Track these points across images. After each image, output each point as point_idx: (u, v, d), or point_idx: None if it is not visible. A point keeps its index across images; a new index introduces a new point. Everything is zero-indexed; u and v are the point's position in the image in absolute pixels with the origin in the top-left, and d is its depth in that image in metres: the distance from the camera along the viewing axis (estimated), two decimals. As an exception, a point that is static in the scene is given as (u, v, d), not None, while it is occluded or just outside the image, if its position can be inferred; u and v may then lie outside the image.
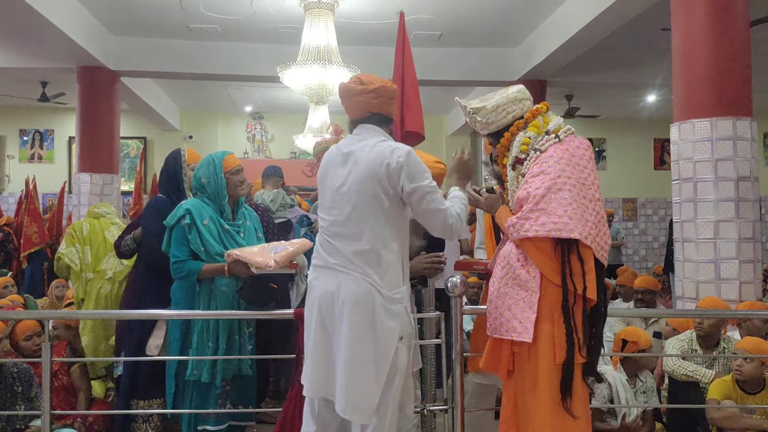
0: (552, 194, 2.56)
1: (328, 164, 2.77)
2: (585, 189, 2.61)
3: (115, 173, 8.60)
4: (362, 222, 2.60)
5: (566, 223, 2.53)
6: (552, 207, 2.55)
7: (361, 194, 2.61)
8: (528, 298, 2.58)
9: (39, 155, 12.64)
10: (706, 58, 4.80)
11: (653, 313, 5.40)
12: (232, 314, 3.50)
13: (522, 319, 2.56)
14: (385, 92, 2.74)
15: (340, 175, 2.68)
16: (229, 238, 3.55)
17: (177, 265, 3.45)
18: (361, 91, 2.74)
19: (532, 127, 2.74)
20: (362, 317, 2.55)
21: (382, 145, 2.65)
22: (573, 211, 2.54)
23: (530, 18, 7.89)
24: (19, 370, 3.86)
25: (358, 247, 2.59)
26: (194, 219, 3.46)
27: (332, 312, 2.61)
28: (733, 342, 4.31)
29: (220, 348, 3.44)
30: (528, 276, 2.59)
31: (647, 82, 9.75)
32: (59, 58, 8.18)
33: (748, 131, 4.79)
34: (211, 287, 3.49)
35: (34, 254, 9.83)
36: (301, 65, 6.44)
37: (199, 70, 8.85)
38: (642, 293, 5.67)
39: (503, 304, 2.63)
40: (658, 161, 13.69)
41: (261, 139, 13.16)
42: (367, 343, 2.54)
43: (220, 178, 3.55)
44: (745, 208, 4.75)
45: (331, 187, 2.71)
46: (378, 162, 2.60)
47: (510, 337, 2.58)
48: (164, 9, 7.51)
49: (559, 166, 2.61)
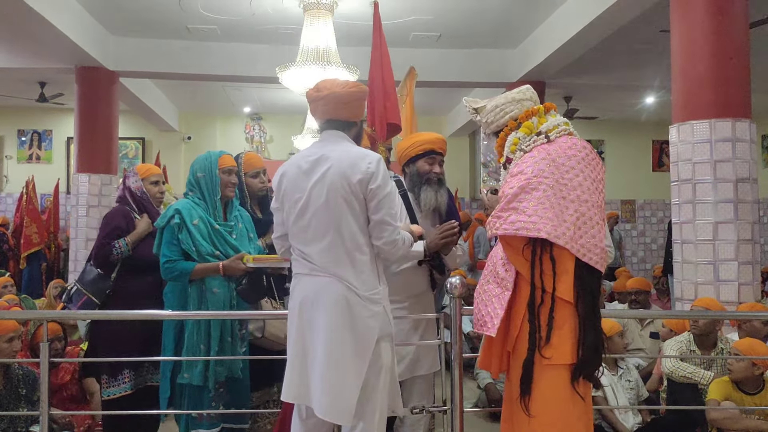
0: (525, 194, 2.58)
1: (290, 173, 2.78)
2: (566, 190, 2.59)
3: (113, 174, 8.57)
4: (332, 226, 2.64)
5: (534, 222, 2.53)
6: (523, 206, 2.57)
7: (330, 200, 2.64)
8: (501, 295, 2.61)
9: (37, 155, 12.61)
10: (705, 60, 4.80)
11: (647, 315, 5.43)
12: (229, 314, 3.48)
13: (493, 315, 2.60)
14: (334, 98, 2.74)
15: (306, 182, 2.70)
16: (219, 238, 3.54)
17: (168, 265, 3.44)
18: (315, 98, 2.79)
19: (523, 128, 2.75)
20: (339, 318, 2.58)
21: (352, 152, 2.70)
22: (544, 211, 2.54)
23: (529, 20, 7.90)
24: (24, 372, 3.85)
25: (330, 251, 2.63)
26: (184, 219, 3.46)
27: (310, 317, 2.63)
28: (731, 343, 4.32)
29: (212, 350, 3.41)
30: (505, 274, 2.63)
31: (646, 83, 9.76)
32: (58, 58, 8.16)
33: (747, 133, 4.79)
34: (202, 289, 3.47)
35: (32, 255, 9.85)
36: (300, 66, 6.44)
37: (198, 71, 8.84)
38: (635, 294, 5.70)
39: (482, 300, 2.68)
40: (656, 163, 13.70)
41: (259, 140, 13.15)
42: (344, 343, 2.57)
43: (215, 175, 3.57)
44: (744, 209, 4.75)
45: (298, 196, 2.72)
46: (348, 167, 2.64)
47: (481, 331, 2.64)
48: (163, 10, 7.50)
49: (538, 166, 2.61)
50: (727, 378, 3.88)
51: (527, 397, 2.53)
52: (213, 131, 13.03)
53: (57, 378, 4.27)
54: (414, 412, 3.15)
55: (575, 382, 2.57)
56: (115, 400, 3.76)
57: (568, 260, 2.55)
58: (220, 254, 3.51)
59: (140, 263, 3.87)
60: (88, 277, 3.91)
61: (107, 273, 3.88)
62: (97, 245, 3.93)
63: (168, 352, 3.51)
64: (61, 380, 4.32)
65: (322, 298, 2.61)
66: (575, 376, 2.57)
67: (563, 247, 2.54)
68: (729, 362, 3.83)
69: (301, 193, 2.71)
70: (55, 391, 4.28)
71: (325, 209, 2.64)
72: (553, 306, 2.54)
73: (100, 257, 3.87)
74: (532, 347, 2.53)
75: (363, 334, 2.59)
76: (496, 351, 2.69)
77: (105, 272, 3.88)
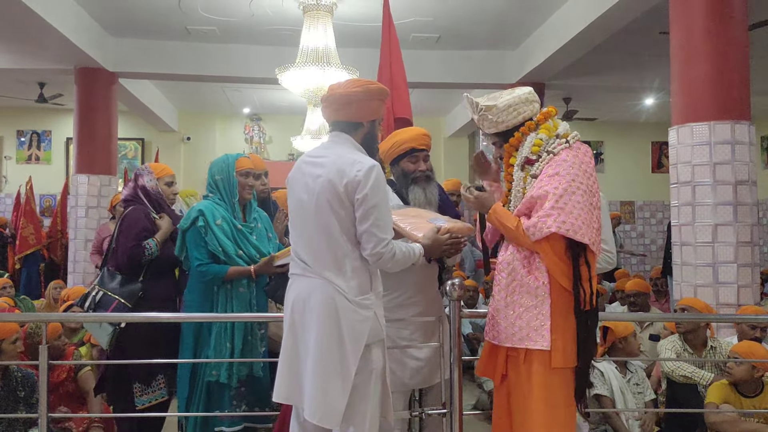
0: (568, 195, 2.57)
1: (292, 175, 2.78)
2: (592, 196, 2.63)
3: (112, 174, 8.58)
4: (322, 231, 2.61)
5: (580, 227, 2.54)
6: (569, 207, 2.56)
7: (319, 205, 2.61)
8: (539, 305, 2.59)
9: (36, 156, 12.60)
10: (705, 62, 4.81)
11: (645, 317, 5.43)
12: (245, 317, 3.52)
13: (536, 326, 2.57)
14: (335, 99, 2.72)
15: (302, 185, 2.69)
16: (242, 238, 3.59)
17: (201, 268, 3.47)
18: (321, 100, 2.79)
19: (543, 129, 2.73)
20: (327, 320, 2.56)
21: (344, 157, 2.64)
22: (585, 216, 2.56)
23: (528, 21, 7.90)
24: (23, 375, 3.83)
25: (320, 254, 2.62)
26: (207, 220, 3.49)
27: (302, 317, 2.63)
28: (722, 343, 4.34)
29: (236, 348, 3.48)
30: (537, 282, 2.60)
31: (645, 85, 9.77)
32: (57, 59, 8.17)
33: (747, 135, 4.80)
34: (229, 288, 3.52)
35: (30, 256, 9.80)
36: (300, 67, 6.44)
37: (198, 72, 8.84)
38: (634, 296, 5.69)
39: (513, 312, 2.63)
40: (656, 164, 13.71)
41: (259, 141, 13.14)
42: (332, 346, 2.55)
43: (233, 177, 3.62)
44: (744, 211, 4.75)
45: (297, 196, 2.72)
46: (336, 174, 2.59)
47: (525, 345, 2.59)
48: (162, 11, 7.50)
49: (573, 171, 2.62)
50: (726, 381, 3.88)
51: (582, 404, 2.57)
52: (212, 132, 13.03)
53: (54, 376, 4.26)
54: (413, 416, 3.14)
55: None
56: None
57: (595, 266, 2.61)
58: (243, 254, 3.55)
59: (164, 265, 3.81)
60: (111, 282, 3.74)
61: (135, 276, 3.74)
62: (127, 248, 3.71)
63: (188, 352, 3.53)
64: (57, 378, 4.30)
65: (312, 300, 2.60)
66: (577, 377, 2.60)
67: (593, 253, 2.60)
68: (729, 365, 3.83)
69: (298, 196, 2.71)
70: (52, 390, 4.26)
71: (315, 214, 2.62)
72: (596, 310, 2.59)
73: (134, 260, 3.69)
74: (584, 354, 2.54)
75: (351, 337, 2.56)
76: (500, 358, 2.69)
77: (132, 275, 3.73)
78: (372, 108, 2.76)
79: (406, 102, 4.38)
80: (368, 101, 2.73)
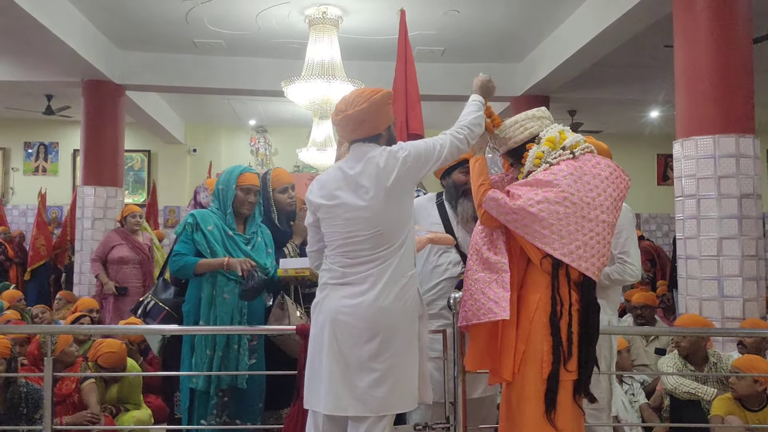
0: (549, 204, 2.59)
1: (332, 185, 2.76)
2: (587, 209, 2.61)
3: (119, 186, 8.62)
4: (381, 233, 2.65)
5: (546, 236, 2.57)
6: (542, 215, 2.58)
7: (375, 207, 2.65)
8: (499, 278, 2.62)
9: (43, 168, 12.66)
10: (709, 75, 4.81)
11: (650, 331, 5.40)
12: (234, 329, 3.51)
13: (498, 298, 2.59)
14: (350, 121, 2.74)
15: (351, 195, 2.69)
16: (233, 244, 3.60)
17: (175, 257, 3.52)
18: (334, 122, 2.85)
19: (547, 142, 2.75)
20: (395, 323, 2.63)
21: (374, 159, 2.68)
22: (560, 227, 2.57)
23: (533, 34, 7.92)
24: (28, 390, 3.80)
25: (375, 259, 2.65)
26: (198, 223, 3.56)
27: (351, 327, 2.63)
28: (723, 357, 4.31)
29: (216, 356, 3.47)
30: (495, 257, 2.66)
31: (650, 98, 9.76)
32: (65, 71, 8.22)
33: (751, 148, 4.80)
34: (213, 294, 3.52)
35: (41, 267, 9.78)
36: (306, 80, 6.48)
37: (204, 85, 8.88)
38: (641, 309, 5.66)
39: (477, 289, 2.67)
40: (661, 176, 13.69)
41: (264, 153, 13.19)
42: (403, 340, 2.65)
43: (231, 189, 3.64)
44: (748, 225, 4.74)
45: (344, 206, 2.71)
46: (376, 169, 2.65)
47: (487, 318, 2.61)
48: (170, 24, 7.56)
49: (566, 181, 2.62)
50: (730, 395, 3.87)
51: (553, 412, 2.53)
52: (218, 144, 13.08)
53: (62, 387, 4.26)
54: (417, 430, 3.13)
55: (577, 396, 2.58)
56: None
57: (579, 275, 2.60)
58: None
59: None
60: (164, 293, 3.84)
61: (184, 288, 3.79)
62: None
63: (186, 361, 3.56)
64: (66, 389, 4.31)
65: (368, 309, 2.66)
66: (578, 390, 2.58)
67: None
68: (732, 380, 3.81)
69: (349, 204, 2.70)
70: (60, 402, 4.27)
71: (375, 220, 2.66)
72: (571, 320, 2.56)
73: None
74: (557, 362, 2.53)
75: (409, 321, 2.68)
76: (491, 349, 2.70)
77: (182, 287, 3.80)
78: (384, 116, 2.80)
79: (419, 118, 4.44)
80: (378, 113, 2.76)
